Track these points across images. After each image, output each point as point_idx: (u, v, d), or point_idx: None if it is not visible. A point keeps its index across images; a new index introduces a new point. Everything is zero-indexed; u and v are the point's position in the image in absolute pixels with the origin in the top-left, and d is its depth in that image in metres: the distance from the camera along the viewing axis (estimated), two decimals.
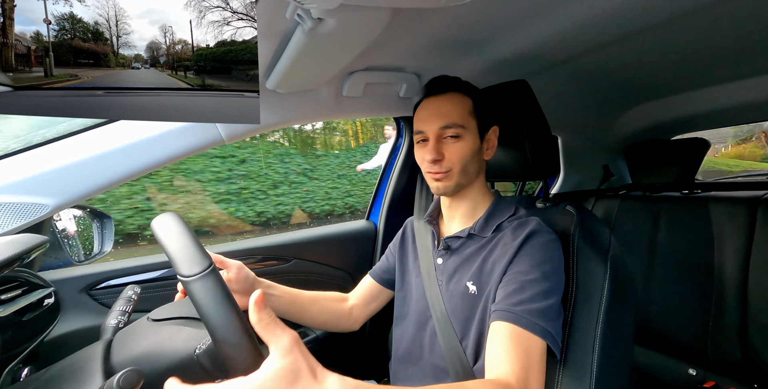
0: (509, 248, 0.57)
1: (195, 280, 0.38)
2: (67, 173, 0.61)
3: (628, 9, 0.56)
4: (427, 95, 0.64)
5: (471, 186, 0.65)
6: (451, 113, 0.61)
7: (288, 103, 0.75)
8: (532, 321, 0.50)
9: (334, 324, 0.74)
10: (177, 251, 0.40)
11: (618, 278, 0.59)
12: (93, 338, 0.47)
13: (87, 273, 0.76)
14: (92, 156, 0.63)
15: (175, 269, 0.39)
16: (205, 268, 0.39)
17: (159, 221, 0.44)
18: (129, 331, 0.47)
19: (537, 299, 0.51)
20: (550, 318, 0.51)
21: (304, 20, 0.48)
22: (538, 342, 0.49)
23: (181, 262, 0.39)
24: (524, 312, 0.50)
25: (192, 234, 0.42)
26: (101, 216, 0.77)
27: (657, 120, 1.22)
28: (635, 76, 0.92)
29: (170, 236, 0.42)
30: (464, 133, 0.61)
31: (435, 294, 0.64)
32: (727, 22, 0.62)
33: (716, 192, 1.15)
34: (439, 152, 0.60)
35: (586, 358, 0.55)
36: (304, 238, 1.05)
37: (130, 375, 0.34)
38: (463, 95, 0.63)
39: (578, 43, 0.69)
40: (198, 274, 0.38)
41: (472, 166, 0.62)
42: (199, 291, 0.38)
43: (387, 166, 1.16)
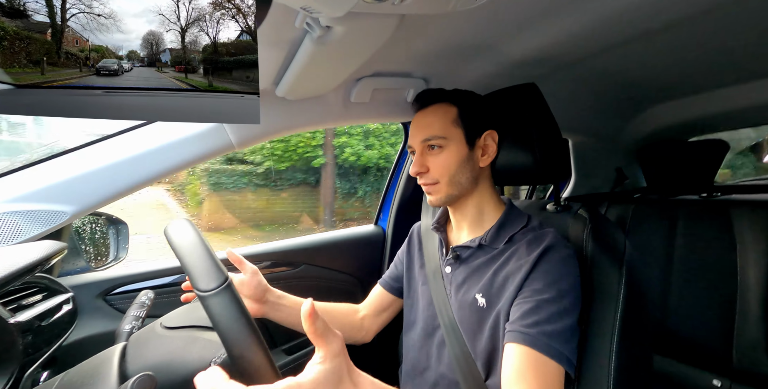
0: (524, 263, 0.55)
1: (211, 295, 0.38)
2: (85, 181, 0.63)
3: (639, 9, 0.55)
4: (415, 111, 0.67)
5: (470, 195, 0.64)
6: (432, 126, 0.62)
7: (297, 109, 0.77)
8: (548, 344, 0.48)
9: (347, 336, 0.73)
10: (193, 264, 0.40)
11: (634, 285, 0.57)
12: (108, 343, 0.48)
13: (103, 279, 0.78)
14: (108, 164, 0.65)
15: (191, 282, 0.40)
16: (221, 283, 0.39)
17: (173, 230, 0.44)
18: (142, 337, 0.47)
19: (552, 319, 0.50)
20: (565, 339, 0.50)
21: (312, 28, 0.49)
22: (555, 366, 0.48)
23: (197, 276, 0.39)
24: (540, 334, 0.49)
25: (207, 245, 0.43)
26: (117, 223, 0.79)
27: (673, 121, 1.19)
28: (648, 76, 0.90)
29: (186, 247, 0.42)
30: (447, 143, 0.61)
31: (443, 303, 0.63)
32: (744, 19, 0.60)
33: (737, 195, 1.11)
34: (422, 165, 0.62)
35: (602, 370, 0.53)
36: (313, 243, 1.05)
37: (144, 381, 0.35)
38: (448, 105, 0.63)
39: (588, 45, 0.68)
40: (214, 289, 0.38)
41: (461, 175, 0.62)
42: (215, 307, 0.38)
43: (395, 171, 1.16)
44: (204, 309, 0.38)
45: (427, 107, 0.65)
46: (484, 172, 0.65)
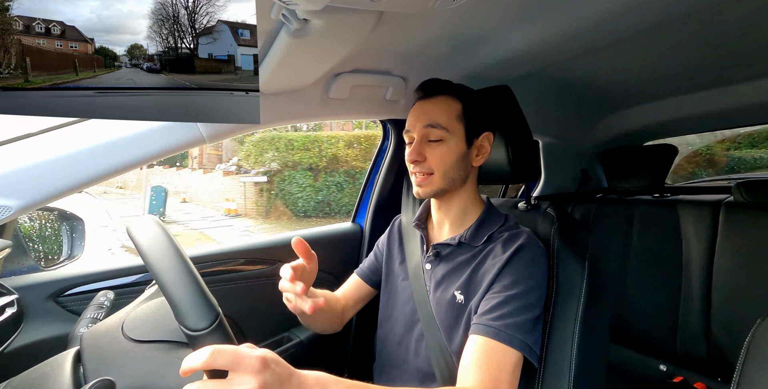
0: (498, 261, 0.58)
1: (202, 336, 0.34)
2: (34, 173, 0.58)
3: (610, 18, 0.59)
4: (418, 99, 0.65)
5: (459, 192, 0.65)
6: (436, 115, 0.61)
7: (273, 103, 0.74)
8: (510, 335, 0.51)
9: (331, 325, 0.71)
10: (180, 298, 0.34)
11: (595, 279, 0.61)
12: (60, 348, 0.44)
13: (54, 279, 0.72)
14: (62, 155, 0.59)
15: (176, 318, 0.34)
16: (212, 321, 0.34)
17: (148, 241, 0.37)
18: (102, 344, 0.44)
19: (516, 313, 0.52)
20: (527, 330, 0.52)
21: (289, 21, 0.47)
22: (513, 354, 0.50)
23: (185, 312, 0.34)
24: (503, 326, 0.51)
25: (196, 276, 0.36)
26: (71, 219, 0.73)
27: (630, 127, 1.28)
28: (613, 83, 0.96)
29: (170, 276, 0.35)
30: (448, 137, 0.61)
31: (423, 299, 0.64)
32: (693, 38, 0.66)
33: (684, 196, 1.22)
34: (420, 154, 0.61)
35: (564, 358, 0.56)
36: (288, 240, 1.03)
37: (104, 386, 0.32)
38: (453, 99, 0.63)
39: (561, 50, 0.71)
40: (205, 329, 0.34)
41: (455, 172, 0.62)
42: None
43: (373, 168, 1.16)
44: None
45: (433, 97, 0.63)
46: (474, 171, 0.66)
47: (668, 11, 0.56)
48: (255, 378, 0.31)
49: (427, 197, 0.65)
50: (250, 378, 0.31)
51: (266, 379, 0.32)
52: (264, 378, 0.31)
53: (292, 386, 0.34)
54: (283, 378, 0.33)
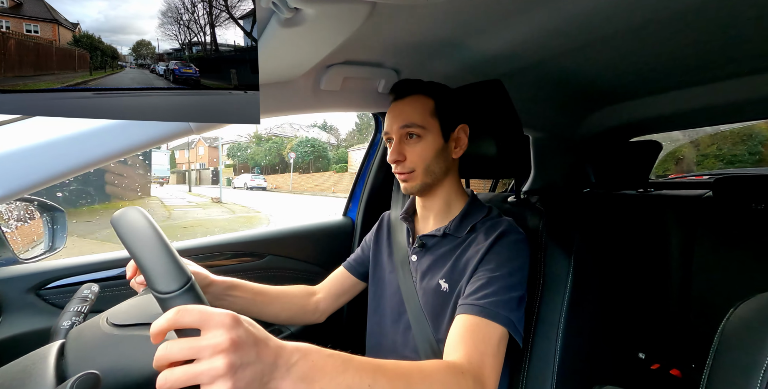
0: (481, 247, 0.60)
1: (172, 298, 0.34)
2: (11, 162, 0.55)
3: (596, 17, 0.59)
4: (392, 101, 0.68)
5: (441, 185, 0.67)
6: (411, 114, 0.64)
7: (262, 94, 0.73)
8: (494, 311, 0.52)
9: (300, 319, 0.73)
10: (150, 262, 0.35)
11: (581, 272, 0.63)
12: (42, 342, 0.43)
13: (35, 272, 0.70)
14: (40, 143, 0.57)
15: (148, 284, 0.35)
16: (182, 284, 0.35)
17: (124, 221, 0.38)
18: (84, 334, 0.43)
19: (501, 292, 0.54)
20: (511, 308, 0.54)
21: (279, 9, 0.46)
22: (498, 329, 0.52)
23: (155, 276, 0.35)
24: (488, 303, 0.53)
25: (164, 239, 0.38)
26: (52, 210, 0.71)
27: (617, 123, 1.30)
28: (598, 80, 0.97)
29: (140, 243, 0.36)
30: (425, 133, 0.63)
31: (410, 290, 0.65)
32: (679, 35, 0.67)
33: (667, 191, 1.25)
34: (400, 153, 0.64)
35: (549, 346, 0.59)
36: (279, 233, 1.03)
37: (88, 379, 0.32)
38: (425, 97, 0.65)
39: (552, 46, 0.72)
40: (175, 291, 0.34)
41: (436, 165, 0.64)
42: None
43: (365, 162, 1.16)
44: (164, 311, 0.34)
45: (405, 97, 0.66)
46: (454, 164, 0.68)
47: (655, 8, 0.57)
48: (226, 333, 0.29)
49: (414, 193, 0.67)
50: (221, 332, 0.29)
51: (239, 334, 0.30)
52: (237, 334, 0.30)
53: (269, 349, 0.32)
54: (258, 338, 0.32)
